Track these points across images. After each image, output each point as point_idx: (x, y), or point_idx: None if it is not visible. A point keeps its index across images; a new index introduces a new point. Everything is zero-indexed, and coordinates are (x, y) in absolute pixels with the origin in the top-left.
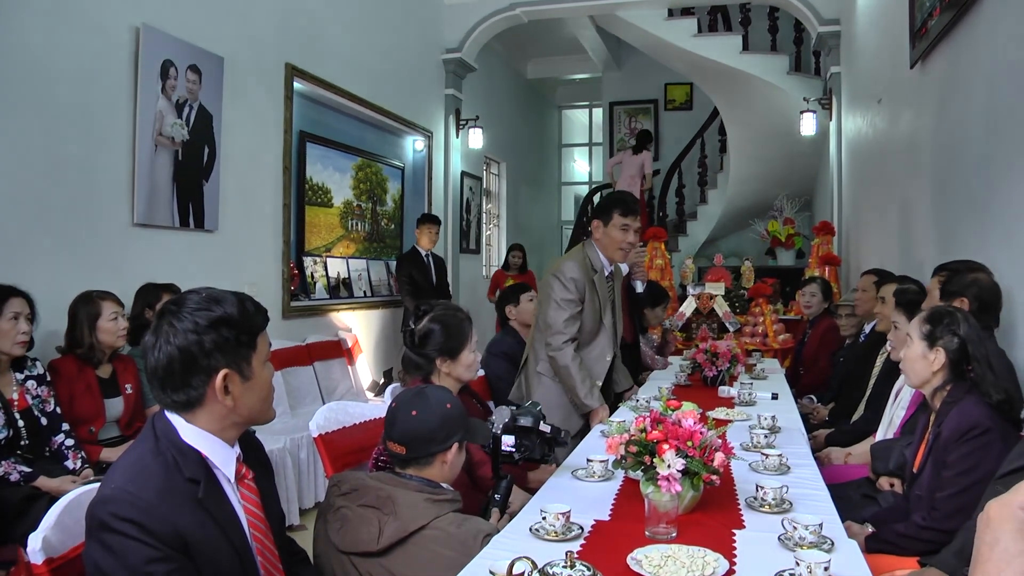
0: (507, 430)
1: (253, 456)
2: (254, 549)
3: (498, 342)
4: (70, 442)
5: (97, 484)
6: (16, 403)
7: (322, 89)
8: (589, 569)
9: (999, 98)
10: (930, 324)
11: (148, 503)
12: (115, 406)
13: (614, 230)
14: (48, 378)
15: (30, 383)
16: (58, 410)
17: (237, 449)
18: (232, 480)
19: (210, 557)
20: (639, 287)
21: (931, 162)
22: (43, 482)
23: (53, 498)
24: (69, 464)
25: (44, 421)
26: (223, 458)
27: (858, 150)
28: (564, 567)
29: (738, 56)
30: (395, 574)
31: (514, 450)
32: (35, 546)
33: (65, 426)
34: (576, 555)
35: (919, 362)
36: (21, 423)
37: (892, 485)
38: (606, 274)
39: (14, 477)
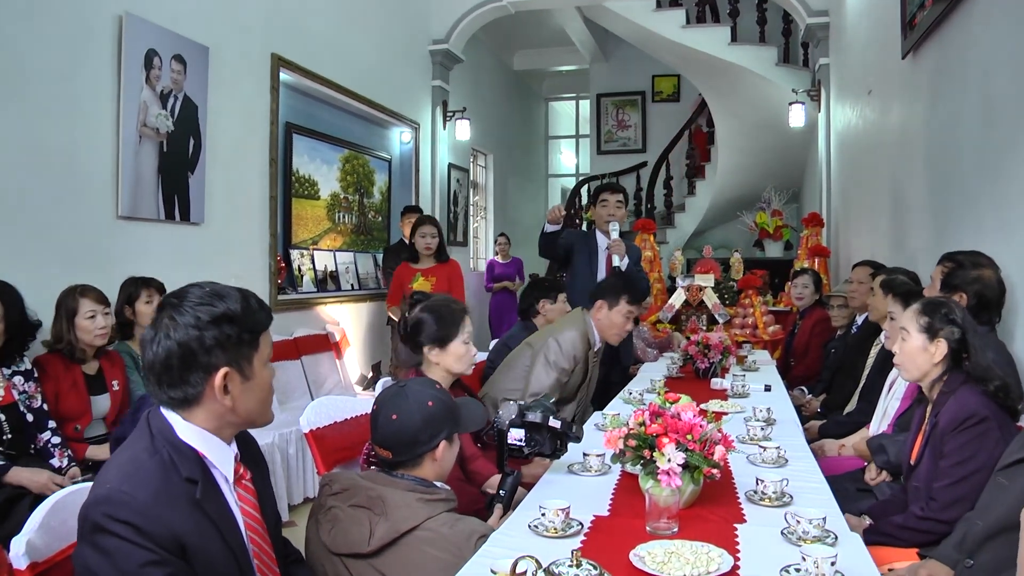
0: (515, 425)
1: (248, 454)
2: (251, 552)
3: (515, 336)
4: (56, 440)
5: (84, 484)
6: (1, 398)
7: (308, 80)
8: (596, 568)
9: (994, 88)
10: (927, 316)
11: (144, 504)
12: (102, 403)
13: (617, 315)
14: (35, 374)
15: (17, 379)
16: (45, 407)
17: (235, 448)
18: (230, 480)
19: (206, 560)
20: (616, 261)
21: (924, 153)
22: (15, 474)
23: (36, 498)
24: (55, 462)
25: (30, 418)
26: (221, 457)
27: (847, 142)
28: (570, 566)
29: (726, 48)
30: None
31: (523, 444)
32: (19, 550)
33: (51, 423)
34: (580, 553)
35: (920, 355)
36: (2, 417)
37: (885, 479)
38: (595, 349)
39: None
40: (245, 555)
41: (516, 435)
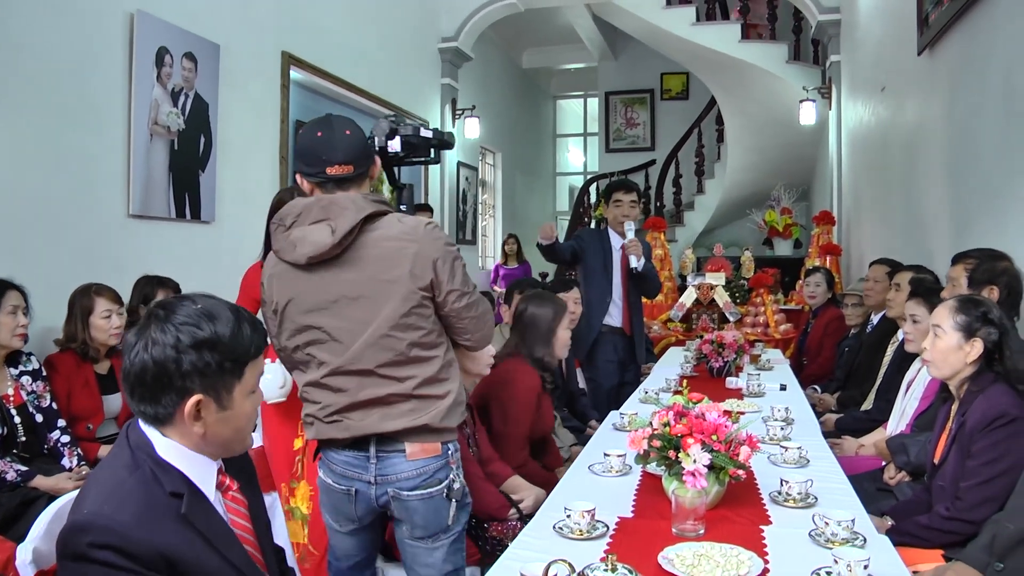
0: (391, 135)
1: (233, 463)
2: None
3: None
4: (66, 439)
5: None
6: (11, 399)
7: (319, 78)
8: (631, 572)
9: (1016, 83)
10: (964, 314)
11: (126, 526)
12: (114, 403)
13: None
14: (44, 373)
15: (25, 379)
16: (54, 406)
17: (219, 461)
18: (214, 493)
19: (201, 575)
20: (633, 262)
21: (942, 150)
22: (39, 481)
23: (52, 498)
24: (65, 462)
25: (39, 418)
26: (202, 473)
27: (859, 139)
28: (605, 570)
29: (737, 45)
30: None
31: (400, 152)
32: (25, 558)
33: (61, 422)
34: (616, 558)
35: (953, 354)
36: (17, 420)
37: (905, 479)
38: None
39: (10, 476)
40: (252, 567)
41: (394, 146)
